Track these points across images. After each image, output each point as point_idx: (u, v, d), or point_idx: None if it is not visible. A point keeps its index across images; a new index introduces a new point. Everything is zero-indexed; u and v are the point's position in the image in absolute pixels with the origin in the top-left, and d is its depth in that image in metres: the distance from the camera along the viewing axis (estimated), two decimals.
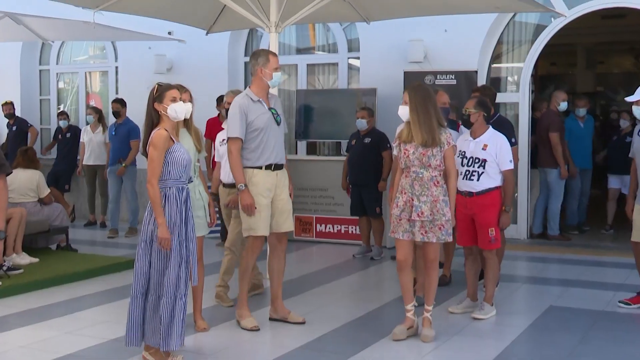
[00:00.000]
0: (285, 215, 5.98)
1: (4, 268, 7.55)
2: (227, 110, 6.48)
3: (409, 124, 5.53)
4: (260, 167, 5.87)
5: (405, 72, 9.80)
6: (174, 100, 4.98)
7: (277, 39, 7.62)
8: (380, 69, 10.32)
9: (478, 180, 6.12)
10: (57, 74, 13.45)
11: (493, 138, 6.17)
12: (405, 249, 5.56)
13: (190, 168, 5.13)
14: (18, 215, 8.20)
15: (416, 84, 5.69)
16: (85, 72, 13.21)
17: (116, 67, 12.69)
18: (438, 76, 9.62)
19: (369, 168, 8.74)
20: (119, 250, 9.48)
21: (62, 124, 12.12)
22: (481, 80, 9.81)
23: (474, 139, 6.20)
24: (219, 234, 9.69)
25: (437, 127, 5.49)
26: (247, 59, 11.66)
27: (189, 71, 11.44)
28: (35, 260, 8.28)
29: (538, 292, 7.30)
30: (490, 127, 6.28)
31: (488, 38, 10.09)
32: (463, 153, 6.18)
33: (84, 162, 11.62)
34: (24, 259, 8.19)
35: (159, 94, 4.98)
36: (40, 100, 13.55)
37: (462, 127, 6.92)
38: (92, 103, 13.09)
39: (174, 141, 4.93)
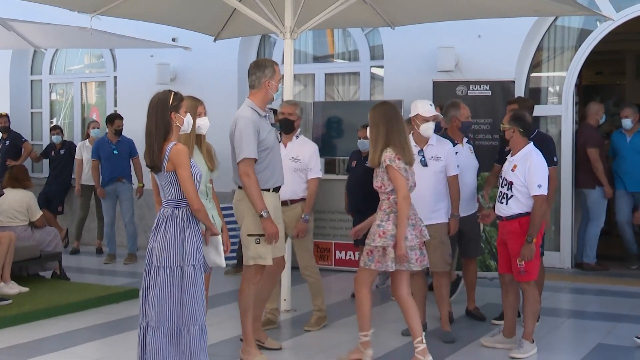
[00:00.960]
0: (282, 239, 6.14)
1: None
2: (283, 121, 6.96)
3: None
4: (269, 190, 5.99)
5: (434, 82, 9.82)
6: (186, 112, 5.08)
7: (292, 45, 7.66)
8: (407, 79, 10.35)
9: (507, 204, 6.18)
10: (50, 84, 13.61)
11: (524, 158, 6.17)
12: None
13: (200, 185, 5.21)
14: (6, 240, 8.26)
15: (377, 104, 6.02)
16: (81, 83, 13.35)
17: (114, 77, 12.83)
18: (471, 87, 9.61)
19: (369, 194, 8.11)
20: (116, 279, 9.53)
21: (56, 139, 12.16)
22: (519, 91, 9.82)
23: (512, 157, 6.29)
24: (235, 260, 9.71)
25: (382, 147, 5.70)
26: None
27: (194, 82, 11.53)
28: (25, 289, 8.34)
29: (584, 327, 7.25)
30: (530, 144, 6.28)
31: (527, 44, 10.10)
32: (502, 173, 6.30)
33: (82, 182, 11.69)
34: (13, 288, 8.24)
35: (176, 103, 5.02)
36: (32, 113, 13.71)
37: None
38: (94, 117, 13.22)
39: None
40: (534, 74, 10.33)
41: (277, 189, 6.12)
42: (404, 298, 5.81)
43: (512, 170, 6.16)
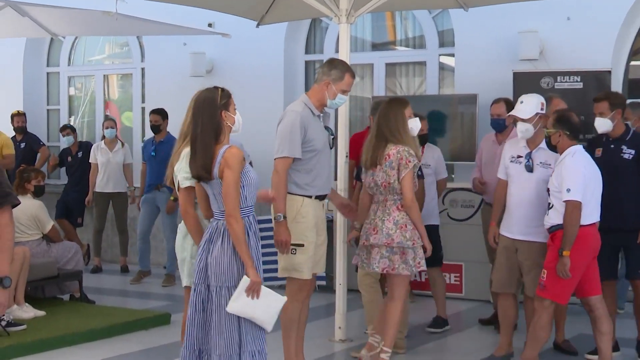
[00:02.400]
0: (320, 254, 6.33)
1: (3, 323, 7.73)
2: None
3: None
4: (311, 197, 6.19)
5: (515, 73, 9.77)
6: (236, 109, 5.20)
7: (348, 31, 7.69)
8: (482, 69, 10.31)
9: (548, 214, 6.43)
10: (68, 77, 13.87)
11: (561, 162, 6.39)
12: None
13: None
14: (20, 257, 8.39)
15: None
16: (104, 76, 13.58)
17: (142, 69, 13.02)
18: (558, 78, 9.56)
19: None
20: (145, 302, 9.67)
21: (67, 141, 12.30)
22: (616, 83, 9.71)
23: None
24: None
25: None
26: (309, 57, 11.82)
27: (234, 73, 11.64)
28: (42, 313, 8.48)
29: None
30: (574, 146, 6.38)
31: (625, 28, 9.99)
32: None
33: (96, 189, 11.86)
34: (27, 311, 8.39)
35: (225, 100, 5.13)
36: (48, 110, 13.98)
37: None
38: (108, 113, 13.41)
39: (244, 160, 5.12)
40: (633, 63, 10.21)
41: (321, 197, 6.29)
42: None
43: (551, 176, 6.42)
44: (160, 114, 10.75)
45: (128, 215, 11.95)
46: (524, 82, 9.60)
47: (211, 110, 5.07)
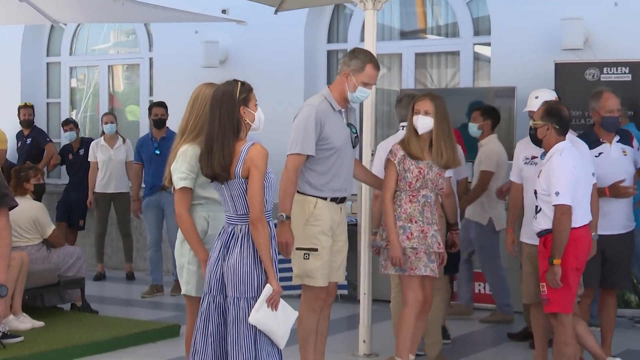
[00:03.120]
0: (339, 261, 6.40)
1: None
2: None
3: (417, 137, 6.54)
4: (326, 198, 6.22)
5: (556, 64, 9.72)
6: (256, 105, 5.22)
7: (374, 18, 7.68)
8: (521, 59, 10.27)
9: (536, 219, 6.54)
10: (70, 68, 13.91)
11: (549, 160, 6.41)
12: (428, 288, 6.67)
13: None
14: (17, 263, 8.40)
15: (434, 93, 6.76)
16: (109, 66, 13.62)
17: (150, 59, 13.05)
18: (605, 69, 9.50)
19: None
20: (152, 312, 9.70)
21: (69, 137, 12.35)
22: None
23: (543, 160, 6.60)
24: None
25: (455, 148, 6.62)
26: (331, 46, 11.81)
27: (250, 64, 11.63)
28: (40, 324, 8.51)
29: None
30: (561, 142, 6.39)
31: None
32: None
33: (97, 189, 11.87)
34: (25, 322, 8.41)
35: (244, 95, 5.16)
36: (48, 104, 14.03)
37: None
38: (111, 107, 13.45)
39: None
40: None
41: (340, 200, 6.32)
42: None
43: (538, 177, 6.45)
44: (165, 107, 10.74)
45: (132, 218, 11.95)
46: (567, 74, 9.55)
47: (229, 105, 5.09)
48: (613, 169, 7.08)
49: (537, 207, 6.49)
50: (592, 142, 7.13)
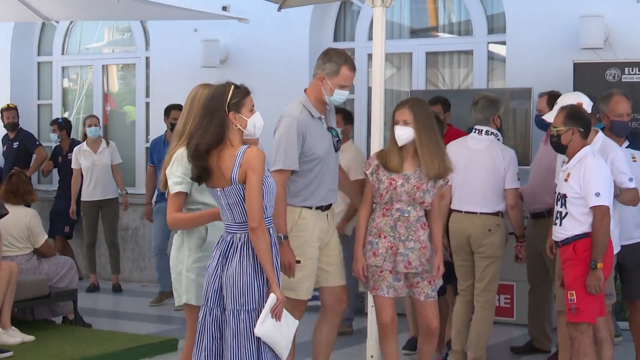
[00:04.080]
0: (338, 266, 6.49)
1: None
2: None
3: (398, 148, 6.38)
4: (310, 207, 6.29)
5: (575, 64, 9.72)
6: (252, 110, 5.21)
7: (384, 15, 7.66)
8: (538, 59, 10.27)
9: (560, 224, 6.54)
10: (62, 68, 13.92)
11: (580, 163, 6.45)
12: (391, 309, 6.39)
13: None
14: (6, 274, 8.43)
15: (415, 100, 6.66)
16: (103, 66, 13.62)
17: (147, 58, 13.07)
18: (626, 69, 9.50)
19: None
20: (148, 326, 9.68)
21: (53, 138, 12.34)
22: None
23: (566, 164, 6.60)
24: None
25: (445, 155, 6.43)
26: (338, 45, 11.80)
27: (252, 64, 11.66)
28: (30, 338, 8.52)
29: None
30: (587, 146, 6.49)
31: None
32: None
33: (83, 198, 11.88)
34: (14, 336, 8.42)
35: (237, 99, 5.16)
36: (39, 105, 14.04)
37: None
38: (109, 108, 13.45)
39: None
40: None
41: (326, 207, 6.40)
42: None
43: (566, 180, 6.48)
44: (180, 110, 10.56)
45: (121, 225, 11.93)
46: (587, 74, 9.55)
47: (215, 110, 5.13)
48: None
49: (560, 212, 6.52)
50: None
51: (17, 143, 12.57)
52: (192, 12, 10.54)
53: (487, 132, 7.67)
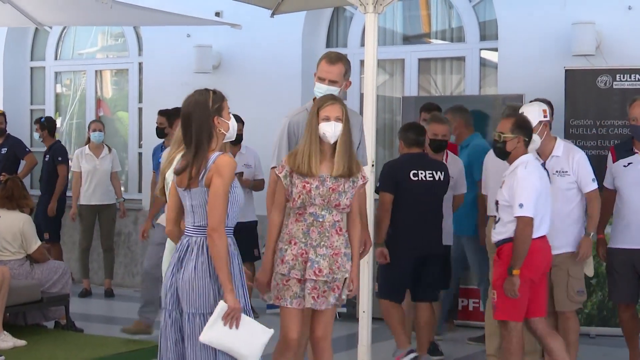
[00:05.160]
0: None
1: None
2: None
3: (319, 149, 5.97)
4: None
5: (567, 71, 9.74)
6: (229, 113, 5.27)
7: (376, 22, 7.69)
8: (529, 65, 10.30)
9: (495, 228, 6.90)
10: (55, 73, 13.94)
11: (513, 172, 6.74)
12: (298, 323, 6.01)
13: None
14: None
15: (337, 97, 6.20)
16: (96, 71, 13.64)
17: (139, 64, 13.09)
18: (617, 76, 9.51)
19: None
20: None
21: (38, 137, 12.27)
22: None
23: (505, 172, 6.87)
24: None
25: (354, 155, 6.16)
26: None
27: (245, 70, 11.68)
28: (22, 343, 8.49)
29: None
30: (527, 154, 6.76)
31: None
32: None
33: (81, 201, 11.87)
34: (6, 340, 8.41)
35: (218, 104, 5.21)
36: (32, 110, 14.02)
37: None
38: (101, 113, 13.46)
39: None
40: None
41: None
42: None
43: (501, 187, 6.81)
44: (167, 116, 10.26)
45: (117, 231, 11.94)
46: (578, 81, 9.59)
47: (203, 115, 5.15)
48: (638, 180, 7.41)
49: (495, 217, 6.87)
50: (624, 151, 7.54)
51: (6, 149, 12.36)
52: (185, 17, 10.57)
53: None
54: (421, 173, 7.89)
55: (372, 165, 7.59)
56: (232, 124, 5.27)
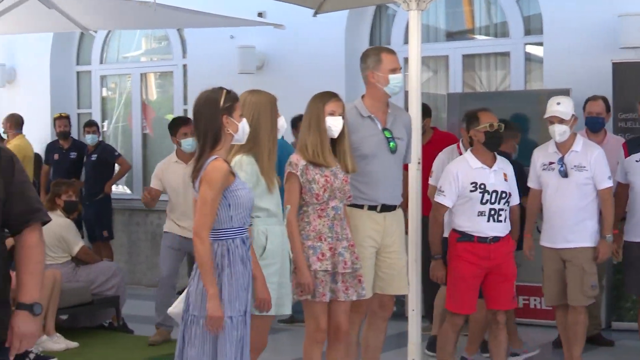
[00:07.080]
0: (395, 273, 6.50)
1: (31, 356, 7.82)
2: None
3: (327, 141, 6.06)
4: (362, 207, 6.35)
5: (614, 64, 9.67)
6: (241, 116, 5.27)
7: (419, 19, 7.67)
8: (576, 59, 10.23)
9: (505, 221, 6.99)
10: (101, 77, 14.06)
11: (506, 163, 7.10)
12: (326, 315, 6.11)
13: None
14: (50, 281, 8.53)
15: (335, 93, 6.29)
16: (141, 74, 13.75)
17: (184, 66, 13.16)
18: None
19: None
20: None
21: (91, 140, 12.24)
22: None
23: (490, 167, 6.97)
24: None
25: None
26: None
27: (288, 69, 11.73)
28: (74, 344, 8.63)
29: None
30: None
31: None
32: (481, 186, 6.89)
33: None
34: (59, 342, 8.54)
35: (229, 103, 5.20)
36: (79, 114, 14.15)
37: None
38: (152, 116, 13.57)
39: (234, 175, 5.21)
40: None
41: (383, 208, 6.43)
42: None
43: (505, 180, 7.07)
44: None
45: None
46: (626, 74, 9.53)
47: (211, 112, 5.15)
48: None
49: (503, 210, 7.02)
50: (637, 146, 7.63)
51: (76, 154, 12.46)
52: (228, 19, 10.61)
53: None
54: None
55: (419, 163, 7.58)
56: (242, 125, 5.24)
